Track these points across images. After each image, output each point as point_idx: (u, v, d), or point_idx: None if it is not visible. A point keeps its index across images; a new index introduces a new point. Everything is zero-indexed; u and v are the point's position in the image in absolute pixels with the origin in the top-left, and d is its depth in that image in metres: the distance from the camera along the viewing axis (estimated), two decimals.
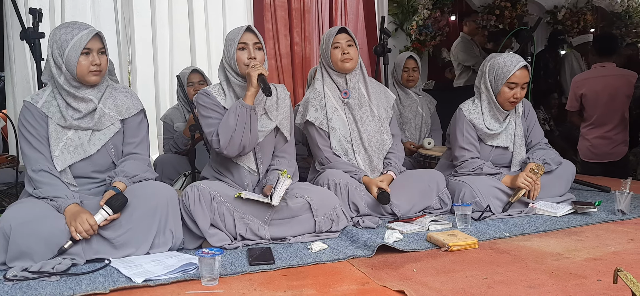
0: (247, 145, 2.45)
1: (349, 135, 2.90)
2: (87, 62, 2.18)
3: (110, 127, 2.31)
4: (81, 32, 2.18)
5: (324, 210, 2.45)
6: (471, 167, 2.95)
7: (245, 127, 2.39)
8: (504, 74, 2.84)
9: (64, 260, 1.99)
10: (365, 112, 2.93)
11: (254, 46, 2.46)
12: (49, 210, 2.11)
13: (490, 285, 1.74)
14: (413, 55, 4.11)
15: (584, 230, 2.46)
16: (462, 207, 2.54)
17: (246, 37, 2.46)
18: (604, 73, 4.22)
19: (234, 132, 2.38)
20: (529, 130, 3.11)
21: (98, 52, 2.22)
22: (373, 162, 2.91)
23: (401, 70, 4.04)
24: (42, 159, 2.21)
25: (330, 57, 2.90)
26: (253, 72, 2.37)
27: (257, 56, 2.45)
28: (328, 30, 2.99)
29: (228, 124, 2.38)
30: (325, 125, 2.90)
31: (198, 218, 2.29)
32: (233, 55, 2.46)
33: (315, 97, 2.94)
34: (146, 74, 4.79)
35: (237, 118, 2.37)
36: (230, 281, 1.86)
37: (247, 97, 2.39)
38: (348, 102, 2.92)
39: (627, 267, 1.71)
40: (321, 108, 2.91)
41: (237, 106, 2.39)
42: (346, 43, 2.87)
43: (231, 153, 2.45)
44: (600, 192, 3.35)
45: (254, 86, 2.38)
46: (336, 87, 2.95)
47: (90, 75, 2.20)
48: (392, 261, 2.05)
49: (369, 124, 2.92)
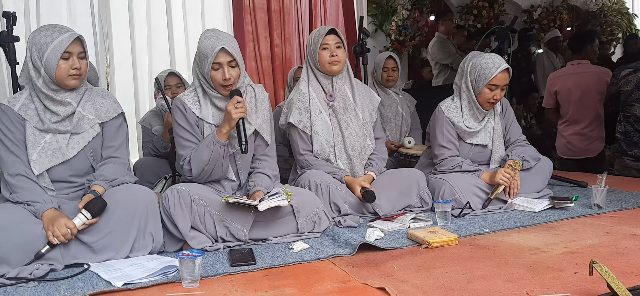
0: (217, 177, 2.48)
1: (332, 139, 2.89)
2: (66, 66, 2.16)
3: (89, 130, 2.28)
4: (62, 35, 2.15)
5: (306, 212, 2.45)
6: (450, 164, 2.98)
7: (218, 163, 2.40)
8: (486, 76, 2.87)
9: (42, 265, 1.97)
10: (350, 116, 2.91)
11: (229, 65, 2.38)
12: (26, 215, 2.07)
13: (469, 280, 1.76)
14: (392, 55, 4.14)
15: (561, 225, 2.50)
16: (442, 204, 2.56)
17: (220, 57, 2.36)
18: (577, 70, 4.30)
19: (206, 165, 2.39)
20: (507, 127, 3.15)
21: (78, 56, 2.19)
22: (355, 166, 2.91)
23: (381, 70, 4.06)
24: (19, 163, 2.17)
25: (318, 58, 2.87)
26: (235, 114, 2.32)
27: (232, 75, 2.37)
28: (317, 30, 2.94)
29: (201, 159, 2.38)
30: (309, 129, 2.88)
31: (178, 221, 2.27)
32: (207, 72, 2.38)
33: (299, 99, 2.91)
34: (125, 78, 4.74)
35: (211, 153, 2.37)
36: (211, 282, 1.85)
37: (222, 134, 2.36)
38: (333, 105, 2.89)
39: (603, 259, 1.75)
40: (305, 111, 2.89)
41: (211, 142, 2.36)
42: (335, 45, 2.85)
43: (201, 182, 2.45)
44: (577, 187, 3.41)
45: (231, 127, 2.36)
46: (322, 89, 2.92)
47: (70, 79, 2.18)
48: (373, 259, 2.06)
49: (353, 128, 2.90)
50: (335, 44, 2.85)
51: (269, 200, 2.29)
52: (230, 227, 2.33)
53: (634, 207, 2.79)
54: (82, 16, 4.52)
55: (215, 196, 2.39)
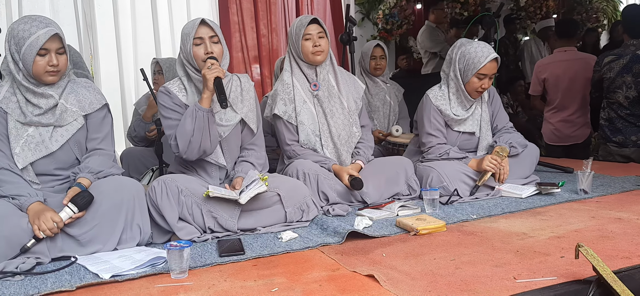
0: (207, 148, 2.41)
1: (317, 128, 2.88)
2: (43, 63, 2.11)
3: (72, 122, 2.25)
4: (39, 31, 2.08)
5: (294, 201, 2.44)
6: (438, 152, 2.99)
7: (204, 132, 2.35)
8: (475, 65, 2.87)
9: (28, 259, 1.94)
10: (334, 104, 2.90)
11: (211, 40, 2.39)
12: (12, 208, 2.04)
13: (457, 265, 1.77)
14: (380, 43, 4.13)
15: (548, 210, 2.53)
16: (430, 192, 2.57)
17: (201, 31, 2.38)
18: (565, 57, 4.33)
19: (192, 136, 2.33)
20: (494, 115, 3.17)
21: (56, 52, 2.13)
22: (341, 155, 2.91)
23: (369, 58, 4.05)
24: (2, 157, 2.14)
25: (301, 49, 2.84)
26: (209, 75, 2.29)
27: (214, 50, 2.38)
28: (298, 19, 2.91)
29: (185, 129, 2.33)
30: (294, 119, 2.87)
31: (166, 212, 2.26)
32: (190, 51, 2.39)
33: (283, 90, 2.89)
34: (110, 68, 4.70)
35: (195, 122, 2.32)
36: (199, 273, 1.84)
37: (203, 100, 2.33)
38: (317, 95, 2.88)
39: (589, 243, 1.77)
40: (290, 102, 2.87)
41: (193, 110, 2.33)
42: (317, 35, 2.82)
43: (191, 158, 2.41)
44: (564, 173, 3.44)
45: (210, 89, 2.32)
46: (305, 79, 2.91)
47: (47, 75, 2.13)
48: (362, 247, 2.07)
49: (338, 117, 2.90)
50: (318, 33, 2.83)
51: (248, 191, 2.29)
52: (218, 218, 2.33)
53: (619, 192, 2.83)
54: (64, 6, 4.47)
55: (203, 187, 2.37)
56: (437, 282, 1.63)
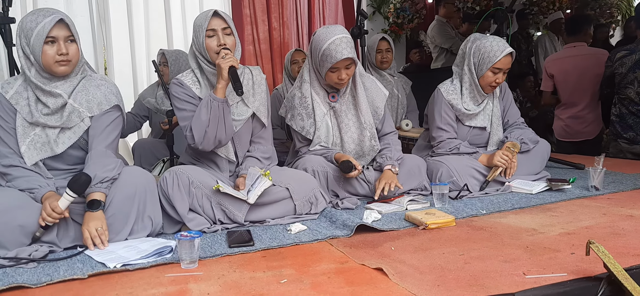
0: (222, 139, 2.40)
1: (331, 142, 2.83)
2: (52, 52, 2.07)
3: (79, 124, 2.19)
4: (44, 19, 2.05)
5: (303, 194, 2.45)
6: (448, 147, 2.98)
7: (219, 122, 2.34)
8: (490, 59, 2.85)
9: (41, 247, 1.97)
10: (350, 118, 2.82)
11: (223, 32, 2.38)
12: (25, 198, 2.06)
13: (466, 261, 1.77)
14: (385, 36, 4.12)
15: (558, 206, 2.51)
16: (439, 186, 2.57)
17: (214, 23, 2.37)
18: (574, 53, 4.29)
19: (208, 127, 2.32)
20: (505, 110, 3.15)
21: (65, 40, 2.09)
22: None
23: (374, 52, 4.04)
24: (11, 154, 2.14)
25: (325, 77, 2.70)
26: (224, 64, 2.28)
27: (227, 42, 2.38)
28: (327, 46, 2.59)
29: (200, 119, 2.32)
30: (311, 134, 2.81)
31: (176, 203, 2.28)
32: (202, 43, 2.38)
33: (301, 104, 2.81)
34: (123, 61, 4.73)
35: (210, 113, 2.31)
36: (209, 263, 1.86)
37: (217, 90, 2.32)
38: (335, 107, 2.80)
39: (600, 240, 1.76)
40: (307, 116, 2.80)
41: (208, 100, 2.31)
42: (345, 68, 2.64)
43: (207, 148, 2.40)
44: (575, 169, 3.42)
45: (225, 79, 2.30)
46: (325, 91, 2.82)
47: (57, 65, 2.09)
48: (371, 240, 2.07)
49: (353, 132, 2.81)
50: (346, 66, 2.63)
51: (254, 189, 2.30)
52: (227, 211, 2.34)
53: (631, 189, 2.80)
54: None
55: (213, 180, 2.38)
56: (446, 277, 1.62)
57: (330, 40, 2.59)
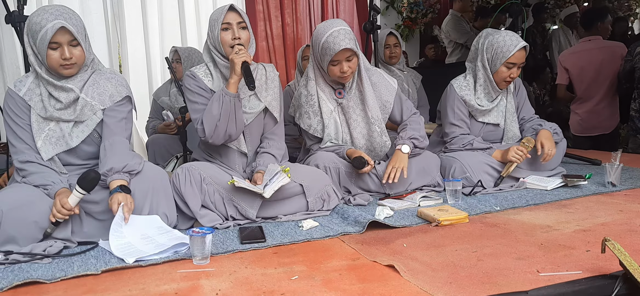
0: (232, 133, 2.41)
1: (341, 139, 2.82)
2: (56, 56, 2.09)
3: (92, 117, 2.22)
4: (47, 24, 2.05)
5: (316, 191, 2.45)
6: (461, 142, 2.95)
7: (230, 116, 2.35)
8: (504, 54, 2.82)
9: (56, 243, 1.99)
10: (358, 114, 2.80)
11: (238, 26, 2.39)
12: (39, 194, 2.09)
13: (479, 257, 1.75)
14: (393, 31, 4.10)
15: (574, 203, 2.48)
16: (452, 182, 2.55)
17: (229, 17, 2.39)
18: (589, 47, 4.22)
19: (219, 121, 2.33)
20: (519, 107, 3.12)
21: (68, 44, 2.09)
22: None
23: (383, 48, 4.02)
24: (27, 149, 2.17)
25: (328, 72, 2.69)
26: (237, 59, 2.30)
27: (241, 36, 2.39)
28: (325, 39, 2.58)
29: (212, 113, 2.34)
30: (320, 133, 2.81)
31: (189, 199, 2.29)
32: (217, 36, 2.40)
33: (308, 102, 2.81)
34: (137, 57, 4.77)
35: (221, 107, 2.32)
36: (221, 259, 1.86)
37: (230, 85, 2.33)
38: (342, 103, 2.79)
39: (616, 237, 1.72)
40: (314, 114, 2.80)
41: (220, 95, 2.33)
42: (346, 60, 2.62)
43: (217, 142, 2.42)
44: (591, 165, 3.37)
45: (237, 74, 2.31)
46: (331, 87, 2.81)
47: (62, 68, 2.11)
48: (383, 237, 2.06)
49: (362, 128, 2.80)
50: (347, 58, 2.62)
51: (271, 184, 2.30)
52: (239, 207, 2.35)
53: None
54: None
55: (225, 176, 2.39)
56: (458, 274, 1.61)
57: (328, 33, 2.58)
